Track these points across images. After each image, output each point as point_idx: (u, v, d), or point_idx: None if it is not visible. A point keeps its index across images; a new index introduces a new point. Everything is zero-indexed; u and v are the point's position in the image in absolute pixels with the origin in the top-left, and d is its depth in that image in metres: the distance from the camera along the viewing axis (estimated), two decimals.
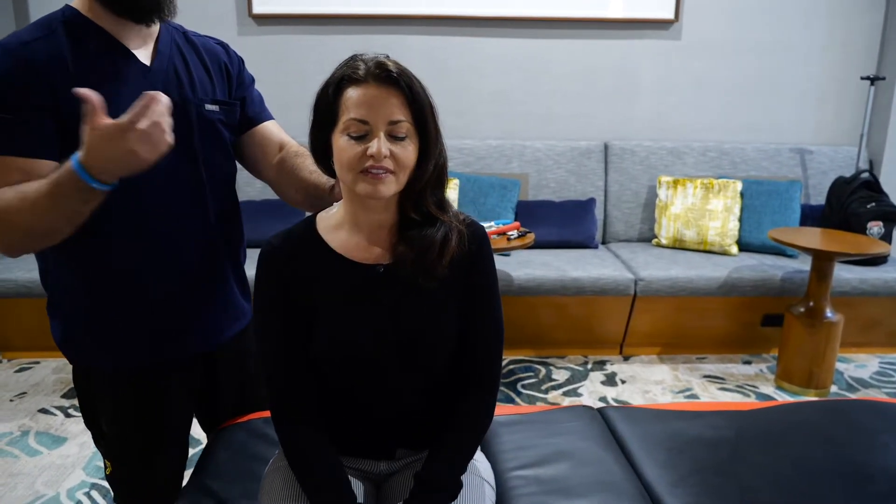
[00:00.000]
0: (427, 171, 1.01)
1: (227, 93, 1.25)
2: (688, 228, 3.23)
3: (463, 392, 1.09)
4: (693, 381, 2.91)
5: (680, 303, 3.02)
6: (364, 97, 0.96)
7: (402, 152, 0.97)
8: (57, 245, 1.11)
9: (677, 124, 3.52)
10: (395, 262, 1.03)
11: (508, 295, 2.94)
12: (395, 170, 0.96)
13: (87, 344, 1.18)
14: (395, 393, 1.07)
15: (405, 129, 0.97)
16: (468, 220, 1.09)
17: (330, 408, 1.08)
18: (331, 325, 1.03)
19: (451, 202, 1.09)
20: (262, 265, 1.05)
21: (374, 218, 1.04)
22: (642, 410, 1.52)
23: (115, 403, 1.22)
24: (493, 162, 3.41)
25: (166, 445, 1.28)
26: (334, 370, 1.05)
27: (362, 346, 1.03)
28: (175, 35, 1.19)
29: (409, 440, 1.12)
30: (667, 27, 3.38)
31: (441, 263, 1.01)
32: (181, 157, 1.14)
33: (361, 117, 0.95)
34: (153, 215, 1.14)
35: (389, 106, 0.96)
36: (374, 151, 0.94)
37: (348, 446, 1.11)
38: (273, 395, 1.05)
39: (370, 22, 3.34)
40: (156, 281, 1.17)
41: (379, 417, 1.09)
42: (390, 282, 1.04)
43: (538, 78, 3.45)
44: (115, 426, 1.24)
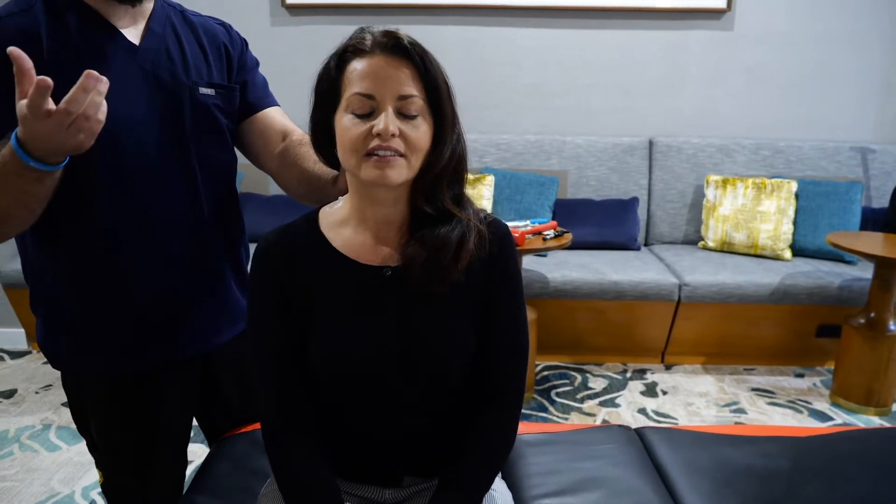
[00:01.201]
0: (442, 157, 0.88)
1: (228, 76, 1.15)
2: (737, 231, 3.03)
3: (480, 413, 0.96)
4: (740, 394, 2.72)
5: (727, 310, 2.83)
6: (370, 69, 0.84)
7: (413, 132, 0.84)
8: (36, 237, 1.03)
9: (727, 120, 3.31)
10: (404, 265, 0.90)
11: (543, 297, 2.81)
12: (405, 152, 0.84)
13: (70, 345, 1.10)
14: (401, 413, 0.94)
15: (417, 107, 0.85)
16: (490, 218, 0.96)
17: (329, 427, 0.97)
18: (329, 334, 0.91)
19: (471, 199, 0.97)
20: (255, 263, 0.94)
21: (383, 213, 0.92)
22: (685, 433, 1.37)
23: (103, 410, 1.14)
24: (531, 158, 3.27)
25: (161, 455, 1.18)
26: (332, 385, 0.93)
27: (363, 359, 0.91)
28: (171, 14, 1.10)
29: (418, 466, 0.99)
30: (718, 17, 3.19)
31: (456, 267, 0.89)
32: (171, 143, 1.05)
33: (366, 91, 0.83)
34: (138, 206, 1.04)
35: (399, 79, 0.84)
36: (380, 129, 0.82)
37: (349, 471, 0.99)
38: (264, 410, 0.94)
39: (405, 11, 3.23)
40: (143, 277, 1.07)
41: (383, 440, 0.96)
42: (398, 286, 0.91)
43: (579, 70, 3.29)
44: (106, 434, 1.16)
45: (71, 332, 1.09)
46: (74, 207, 1.01)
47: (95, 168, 1.00)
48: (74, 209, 1.01)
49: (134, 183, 1.03)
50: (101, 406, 1.14)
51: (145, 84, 1.02)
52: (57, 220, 1.02)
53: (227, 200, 1.18)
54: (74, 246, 1.04)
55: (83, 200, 1.01)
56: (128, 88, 1.00)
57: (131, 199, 1.03)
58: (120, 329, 1.08)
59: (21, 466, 2.17)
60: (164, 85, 1.04)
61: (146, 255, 1.07)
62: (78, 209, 1.01)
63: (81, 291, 1.07)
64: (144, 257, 1.06)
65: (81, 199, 1.01)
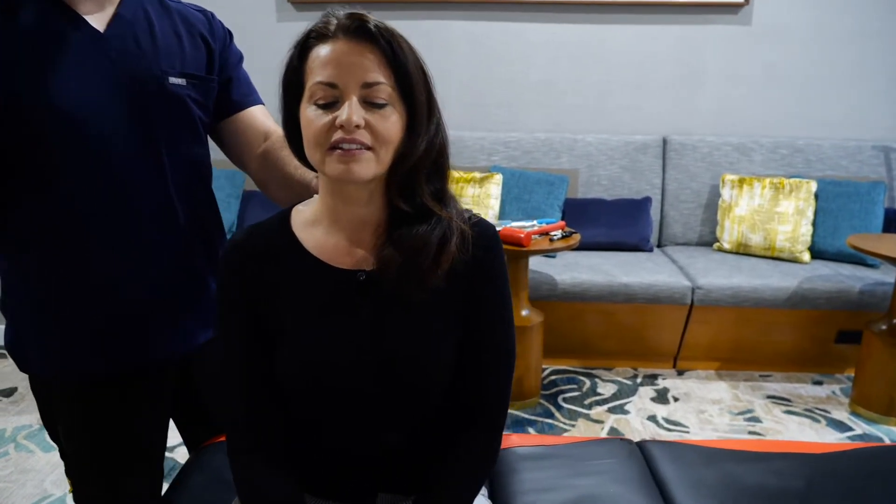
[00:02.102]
0: (416, 148, 0.81)
1: (207, 67, 1.08)
2: (754, 232, 2.93)
3: (461, 429, 0.89)
4: (755, 401, 2.62)
5: (743, 314, 2.73)
6: (333, 55, 0.77)
7: (380, 123, 0.77)
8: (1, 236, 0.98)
9: (745, 118, 3.20)
10: (379, 268, 0.83)
11: (551, 300, 2.73)
12: (372, 145, 0.77)
13: (35, 348, 1.04)
14: (376, 427, 0.88)
15: (385, 95, 0.78)
16: (475, 218, 0.89)
17: (300, 441, 0.90)
18: (298, 343, 0.85)
19: (455, 197, 0.89)
20: (221, 265, 0.88)
21: (356, 212, 0.85)
22: (692, 448, 1.29)
23: (69, 416, 1.08)
24: (540, 156, 3.18)
25: (132, 467, 1.12)
26: (303, 397, 0.87)
27: (335, 370, 0.84)
28: (145, 0, 1.03)
29: (394, 484, 0.92)
30: (735, 11, 3.08)
31: (436, 270, 0.82)
32: (138, 135, 0.98)
33: (329, 79, 0.77)
34: (102, 202, 0.98)
35: (363, 65, 0.77)
36: (343, 120, 0.75)
37: (321, 487, 0.93)
38: (230, 421, 0.87)
39: (412, 7, 3.17)
40: (109, 278, 1.01)
41: (356, 455, 0.90)
42: (373, 292, 0.84)
43: (591, 67, 3.20)
44: (72, 441, 1.10)
45: (36, 334, 1.03)
46: (35, 204, 0.96)
47: (56, 162, 0.94)
48: (35, 206, 0.96)
49: (97, 177, 0.97)
50: (67, 412, 1.08)
51: (110, 73, 0.96)
52: (18, 219, 0.96)
53: (201, 196, 1.11)
54: (36, 245, 0.99)
55: (43, 197, 0.95)
56: (89, 77, 0.94)
57: (95, 194, 0.97)
58: (86, 332, 1.03)
59: (15, 467, 2.14)
60: (130, 74, 0.98)
61: (112, 254, 1.00)
62: (39, 206, 0.96)
63: (45, 292, 1.01)
64: (110, 256, 1.00)
65: (42, 195, 0.95)
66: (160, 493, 1.20)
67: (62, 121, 0.92)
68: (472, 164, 3.17)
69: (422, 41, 3.26)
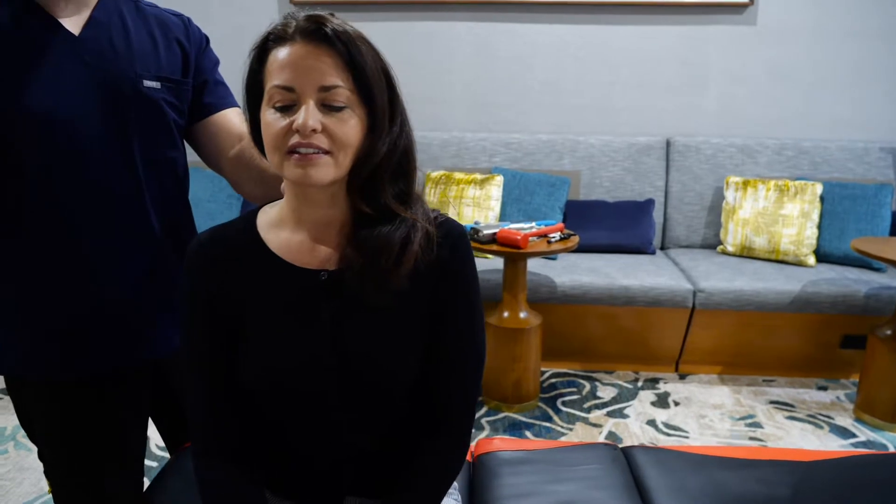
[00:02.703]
0: (377, 151, 0.80)
1: (182, 70, 1.08)
2: (758, 235, 2.89)
3: (426, 434, 0.88)
4: (758, 406, 2.59)
5: (745, 318, 2.70)
6: (289, 58, 0.76)
7: (338, 127, 0.77)
8: None
9: (750, 119, 3.17)
10: (341, 268, 0.83)
11: (551, 302, 2.71)
12: (330, 149, 0.77)
13: (7, 347, 1.03)
14: (339, 430, 0.87)
15: (343, 98, 0.77)
16: (441, 218, 0.87)
17: (265, 444, 0.89)
18: (259, 343, 0.84)
19: (422, 197, 0.88)
20: (185, 265, 0.87)
21: (320, 214, 0.84)
22: (678, 454, 1.27)
23: (43, 417, 1.08)
24: (542, 158, 3.17)
25: (109, 467, 1.11)
26: (266, 399, 0.86)
27: (296, 372, 0.83)
28: (121, 4, 1.03)
29: (361, 486, 0.91)
30: (740, 11, 3.04)
31: (398, 271, 0.80)
32: (111, 138, 0.98)
33: (285, 83, 0.76)
34: (74, 205, 0.98)
35: (320, 69, 0.76)
36: (298, 124, 0.75)
37: (288, 489, 0.92)
38: (193, 424, 0.87)
39: (415, 7, 3.16)
40: (79, 279, 1.01)
41: (322, 458, 0.89)
42: (334, 293, 0.84)
43: (594, 67, 3.18)
44: (49, 443, 1.10)
45: (8, 335, 1.03)
46: (7, 205, 0.95)
47: (29, 163, 0.94)
48: (7, 207, 0.95)
49: (68, 180, 0.96)
50: (42, 413, 1.08)
51: (84, 76, 0.96)
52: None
53: (175, 199, 1.11)
54: (7, 247, 0.99)
55: (16, 198, 0.95)
56: (64, 80, 0.94)
57: (67, 196, 0.97)
58: (58, 334, 1.02)
59: (14, 465, 2.15)
60: (105, 77, 0.97)
61: (84, 256, 1.00)
62: (10, 207, 0.95)
63: (15, 292, 1.01)
64: (82, 259, 1.00)
65: (14, 196, 0.95)
66: (140, 494, 1.19)
67: (35, 123, 0.92)
68: (473, 165, 3.16)
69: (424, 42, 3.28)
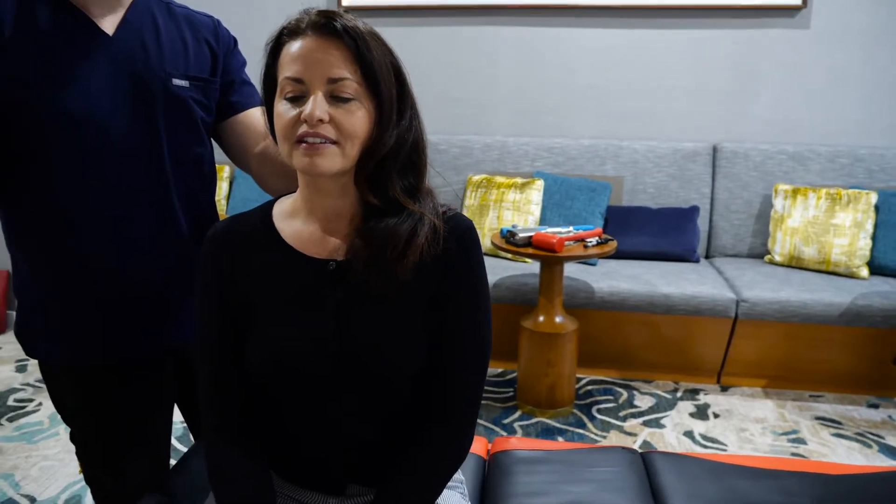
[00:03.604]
0: (383, 143, 0.82)
1: (210, 70, 1.13)
2: (807, 245, 2.79)
3: (427, 427, 0.89)
4: (802, 422, 2.50)
5: (791, 330, 2.61)
6: (300, 51, 0.80)
7: (345, 117, 0.79)
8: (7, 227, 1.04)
9: (802, 126, 3.07)
10: (349, 259, 0.85)
11: (589, 308, 2.68)
12: (337, 139, 0.79)
13: (40, 333, 1.10)
14: (341, 418, 0.88)
15: (351, 90, 0.80)
16: (451, 212, 0.89)
17: (271, 429, 0.92)
18: (266, 329, 0.87)
19: (433, 191, 0.90)
20: (202, 253, 0.91)
21: (331, 204, 0.87)
22: (697, 461, 1.24)
23: (75, 400, 1.14)
24: (584, 163, 3.14)
25: (134, 452, 1.17)
26: (271, 384, 0.89)
27: (299, 357, 0.86)
28: (153, 5, 1.08)
29: (363, 474, 0.93)
30: (793, 14, 2.96)
31: (403, 262, 0.82)
32: (141, 133, 1.03)
33: (295, 74, 0.79)
34: (103, 196, 1.03)
35: (329, 61, 0.79)
36: (306, 114, 0.78)
37: (293, 474, 0.94)
38: (203, 406, 0.90)
39: (460, 13, 3.19)
40: (109, 269, 1.06)
41: (325, 445, 0.91)
42: (341, 281, 0.86)
43: (640, 72, 3.14)
44: (78, 425, 1.16)
45: (41, 320, 1.09)
46: (42, 198, 1.01)
47: (62, 158, 0.99)
48: (42, 200, 1.01)
49: (98, 173, 1.01)
50: (72, 396, 1.14)
51: (116, 74, 1.01)
52: (26, 212, 1.03)
53: (200, 193, 1.16)
54: (42, 237, 1.04)
55: (50, 190, 1.01)
56: (96, 78, 1.00)
57: (97, 190, 1.02)
58: (87, 320, 1.08)
59: (63, 447, 2.26)
60: (135, 75, 1.02)
61: (112, 246, 1.05)
62: (45, 200, 1.01)
63: (49, 281, 1.07)
64: (110, 249, 1.05)
65: (48, 189, 1.01)
66: (164, 477, 1.24)
67: (67, 119, 0.97)
68: (515, 169, 3.16)
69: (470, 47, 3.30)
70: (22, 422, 2.42)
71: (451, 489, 0.99)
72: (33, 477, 2.07)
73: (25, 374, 2.82)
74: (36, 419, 2.44)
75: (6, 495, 1.98)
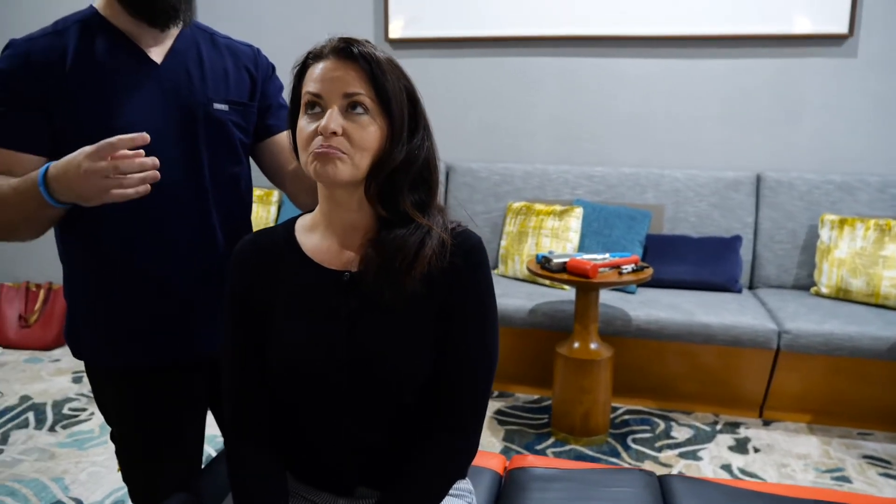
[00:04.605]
0: (393, 157, 0.88)
1: (249, 95, 1.22)
2: (855, 277, 2.72)
3: (431, 436, 0.93)
4: (848, 460, 2.41)
5: (837, 364, 2.53)
6: (321, 71, 0.88)
7: (357, 131, 0.86)
8: (61, 234, 1.13)
9: (849, 155, 3.01)
10: (362, 270, 0.90)
11: (625, 336, 2.66)
12: (348, 151, 0.86)
13: (86, 338, 1.19)
14: (351, 422, 0.93)
15: (365, 106, 0.87)
16: (459, 228, 0.94)
17: (285, 431, 0.97)
18: (283, 335, 0.93)
19: (445, 208, 0.95)
20: (230, 261, 0.99)
21: (348, 218, 0.93)
22: (714, 486, 1.23)
23: (114, 401, 1.22)
24: (625, 191, 3.15)
25: (167, 451, 1.24)
26: (286, 388, 0.94)
27: (312, 363, 0.91)
28: (198, 36, 1.19)
29: (372, 477, 0.97)
30: (839, 43, 2.92)
31: (411, 274, 0.87)
32: (184, 153, 1.13)
33: (315, 91, 0.87)
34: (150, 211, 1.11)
35: (345, 80, 0.86)
36: (322, 126, 0.85)
37: (305, 474, 0.99)
38: (226, 406, 0.97)
39: (502, 44, 3.27)
40: (153, 278, 1.15)
41: (335, 447, 0.95)
42: (354, 292, 0.91)
43: (682, 101, 3.14)
44: (116, 425, 1.24)
45: (88, 324, 1.18)
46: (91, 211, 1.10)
47: None
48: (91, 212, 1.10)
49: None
50: (113, 396, 1.22)
51: (163, 99, 1.11)
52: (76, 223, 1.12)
53: (236, 207, 1.24)
54: (91, 245, 1.14)
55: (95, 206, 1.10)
56: (144, 101, 1.10)
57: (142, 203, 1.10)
58: (131, 325, 1.16)
59: (111, 454, 2.36)
60: (180, 100, 1.12)
61: (156, 256, 1.14)
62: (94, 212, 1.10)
63: (98, 288, 1.16)
64: (154, 259, 1.14)
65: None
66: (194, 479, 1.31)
67: None
68: (555, 197, 3.19)
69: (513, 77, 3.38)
70: (74, 429, 2.55)
71: (459, 498, 1.01)
72: (81, 481, 2.18)
73: (80, 385, 2.96)
74: (87, 427, 2.56)
75: (55, 497, 2.08)
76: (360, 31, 3.36)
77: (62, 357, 3.31)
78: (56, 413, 2.68)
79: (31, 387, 2.94)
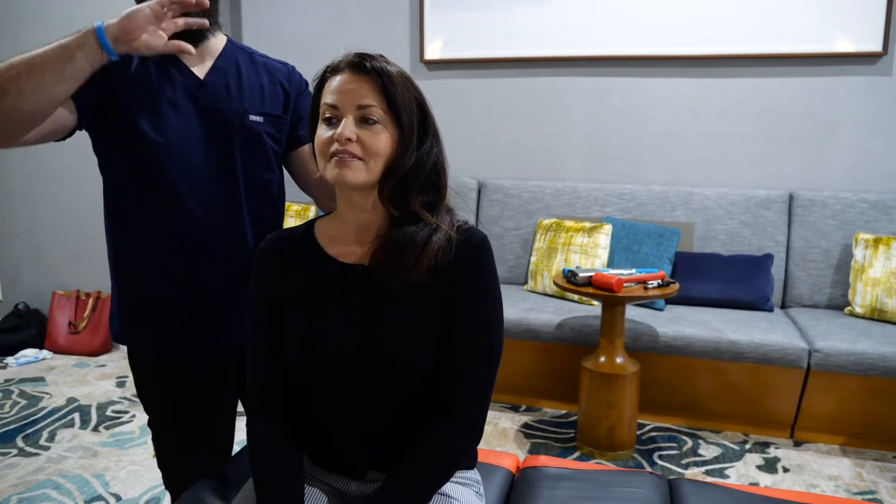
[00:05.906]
0: (403, 162, 0.96)
1: (283, 108, 1.32)
2: (890, 297, 2.68)
3: (433, 422, 0.98)
4: (881, 482, 2.36)
5: (871, 384, 2.49)
6: (337, 84, 0.96)
7: (370, 138, 0.94)
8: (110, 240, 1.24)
9: (885, 173, 2.97)
10: (374, 264, 0.98)
11: (653, 352, 2.67)
12: (362, 156, 0.94)
13: (127, 325, 1.29)
14: (360, 408, 1.00)
15: (377, 115, 0.95)
16: (466, 226, 1.00)
17: (301, 415, 1.04)
18: (298, 324, 1.00)
19: (453, 209, 1.02)
20: (255, 257, 1.07)
21: (361, 217, 1.01)
22: (723, 489, 1.25)
23: (151, 386, 1.32)
24: (655, 209, 3.16)
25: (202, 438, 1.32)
26: (301, 374, 1.02)
27: (324, 350, 0.98)
28: (238, 54, 1.30)
29: (382, 462, 1.03)
30: (873, 61, 2.91)
31: (418, 267, 0.94)
32: (220, 160, 1.23)
33: (332, 102, 0.95)
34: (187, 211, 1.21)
35: (359, 92, 0.95)
36: (337, 134, 0.93)
37: (319, 457, 1.06)
38: (251, 391, 1.05)
39: (534, 64, 3.34)
40: (188, 273, 1.24)
41: (347, 432, 1.02)
42: (365, 283, 0.99)
43: (713, 120, 3.15)
44: (151, 410, 1.34)
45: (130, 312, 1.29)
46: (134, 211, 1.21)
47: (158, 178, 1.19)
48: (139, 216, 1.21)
49: (185, 190, 1.21)
50: (149, 381, 1.32)
51: (204, 111, 1.23)
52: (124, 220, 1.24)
53: (267, 211, 1.34)
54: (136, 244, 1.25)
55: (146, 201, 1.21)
56: (187, 111, 1.21)
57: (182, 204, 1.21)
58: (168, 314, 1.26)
59: (148, 454, 2.47)
60: (218, 111, 1.23)
61: (192, 253, 1.24)
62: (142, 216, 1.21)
63: (136, 277, 1.27)
64: (190, 255, 1.24)
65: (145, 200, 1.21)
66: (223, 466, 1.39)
67: (160, 147, 1.18)
68: (585, 214, 3.22)
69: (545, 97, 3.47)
70: (116, 430, 2.67)
71: (467, 486, 1.06)
72: (121, 479, 2.28)
73: (123, 389, 3.10)
74: (129, 429, 2.68)
75: (96, 492, 2.19)
76: (397, 54, 3.51)
77: (107, 363, 3.46)
78: (100, 414, 2.82)
79: (77, 389, 3.09)
